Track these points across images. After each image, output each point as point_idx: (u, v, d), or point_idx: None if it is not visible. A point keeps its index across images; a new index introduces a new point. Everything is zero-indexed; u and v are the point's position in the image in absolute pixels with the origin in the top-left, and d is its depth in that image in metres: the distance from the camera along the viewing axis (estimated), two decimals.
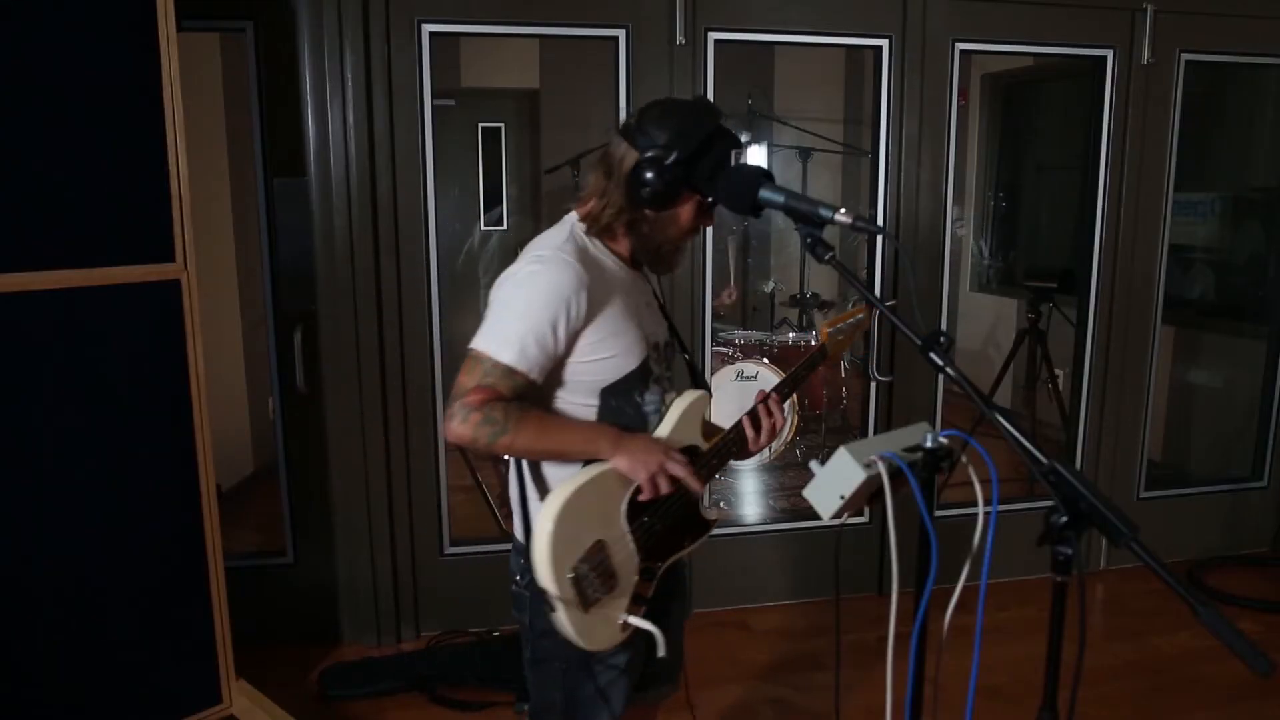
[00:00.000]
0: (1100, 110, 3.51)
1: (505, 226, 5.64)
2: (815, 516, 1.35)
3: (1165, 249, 3.66)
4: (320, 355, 3.07)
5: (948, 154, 3.39)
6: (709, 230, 3.23)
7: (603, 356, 1.54)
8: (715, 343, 4.53)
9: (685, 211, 1.55)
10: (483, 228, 5.62)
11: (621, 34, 3.06)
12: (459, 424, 1.45)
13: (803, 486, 1.35)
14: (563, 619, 1.48)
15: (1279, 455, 4.00)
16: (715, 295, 4.97)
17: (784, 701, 2.90)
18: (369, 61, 2.90)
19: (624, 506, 1.54)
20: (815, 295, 5.25)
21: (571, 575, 1.47)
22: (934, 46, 3.30)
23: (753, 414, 1.65)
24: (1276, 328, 4.07)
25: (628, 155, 1.51)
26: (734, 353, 4.58)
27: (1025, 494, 3.94)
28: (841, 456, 1.29)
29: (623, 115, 3.09)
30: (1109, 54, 3.45)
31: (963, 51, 3.34)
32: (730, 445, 1.65)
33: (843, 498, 1.30)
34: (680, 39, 3.07)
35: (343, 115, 2.92)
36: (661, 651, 1.57)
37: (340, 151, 2.93)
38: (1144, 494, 3.86)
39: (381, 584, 3.19)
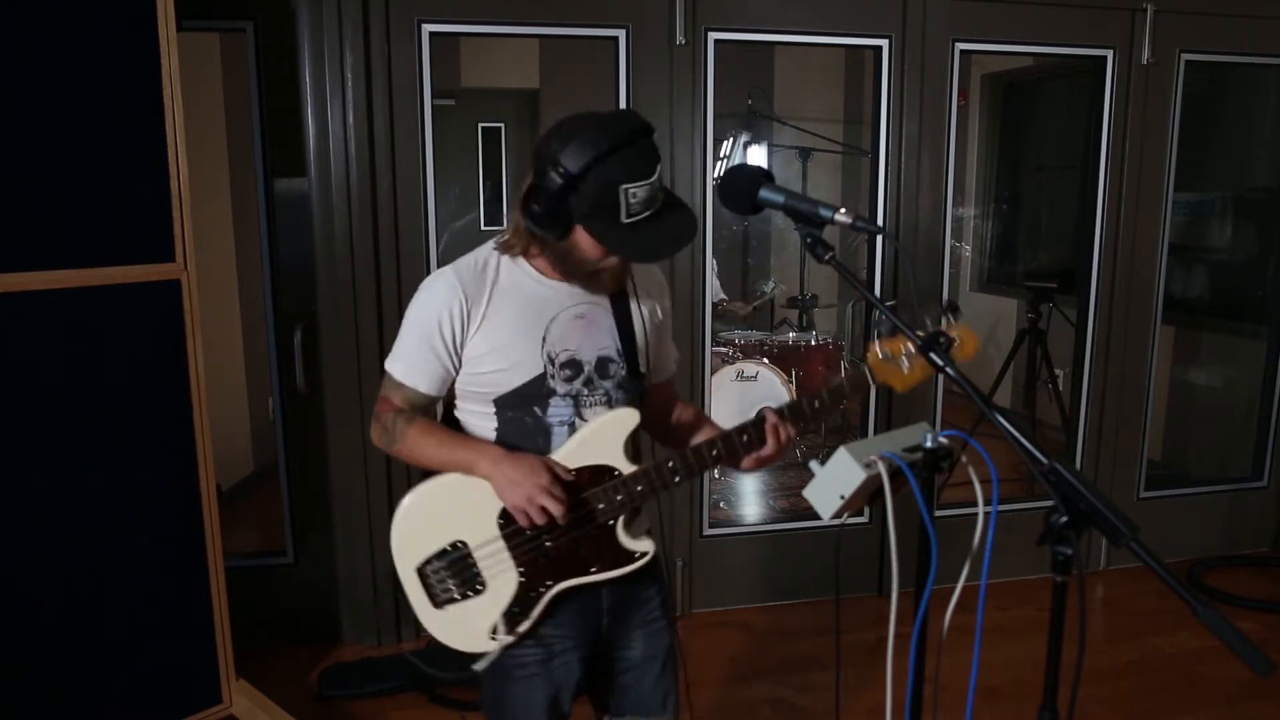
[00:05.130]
0: (1100, 110, 3.51)
1: (505, 226, 5.63)
2: (815, 516, 1.35)
3: (1165, 249, 3.66)
4: (320, 355, 3.07)
5: (948, 154, 3.39)
6: (708, 232, 3.23)
7: (488, 370, 1.53)
8: (715, 343, 4.53)
9: (583, 241, 1.45)
10: (482, 228, 5.62)
11: (621, 34, 3.06)
12: (371, 430, 1.62)
13: (803, 486, 1.35)
14: (415, 607, 1.59)
15: (1279, 455, 3.99)
16: (726, 302, 5.02)
17: (784, 701, 2.90)
18: (369, 61, 2.90)
19: (497, 514, 1.52)
20: (815, 297, 5.25)
21: (419, 569, 1.56)
22: (934, 46, 3.30)
23: (740, 429, 1.53)
24: (1276, 328, 4.07)
25: (528, 175, 1.46)
26: (734, 353, 4.59)
27: (1025, 494, 3.95)
28: (841, 456, 1.29)
29: None
30: (1109, 54, 3.45)
31: (963, 51, 3.34)
32: (669, 472, 1.52)
33: (843, 498, 1.30)
34: (680, 39, 3.07)
35: (343, 115, 2.92)
36: (480, 666, 1.57)
37: (340, 151, 2.93)
38: (1144, 494, 3.85)
39: (381, 584, 3.19)
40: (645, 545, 1.57)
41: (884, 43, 3.28)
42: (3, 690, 2.17)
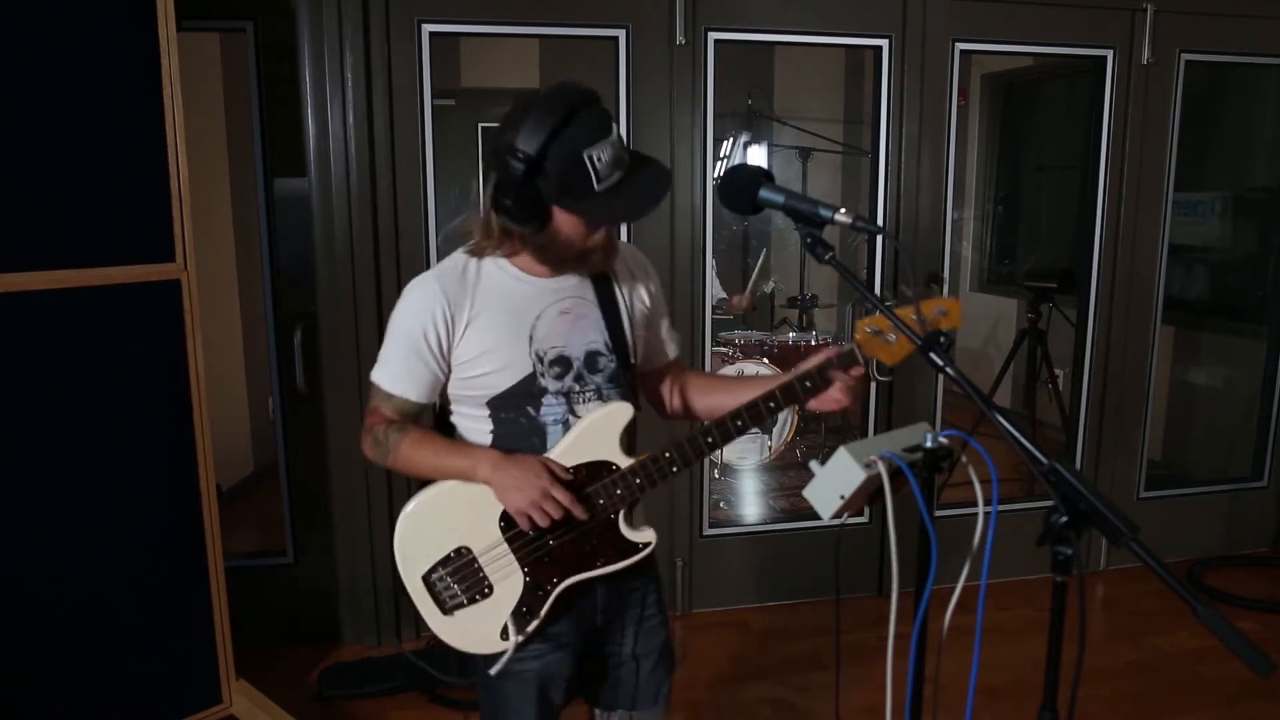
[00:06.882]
0: (1100, 110, 3.51)
1: (469, 230, 5.61)
2: (815, 516, 1.35)
3: (1165, 249, 3.66)
4: (320, 355, 3.07)
5: (948, 154, 3.39)
6: (708, 232, 3.23)
7: (478, 373, 1.52)
8: (715, 343, 4.53)
9: (564, 225, 1.43)
10: None
11: (621, 34, 3.06)
12: (363, 445, 1.58)
13: (803, 486, 1.35)
14: (425, 615, 1.56)
15: (1279, 455, 3.99)
16: (726, 300, 5.00)
17: (784, 701, 2.90)
18: (369, 61, 2.90)
19: (498, 518, 1.52)
20: (815, 297, 5.25)
21: (425, 578, 1.54)
22: (934, 46, 3.30)
23: (735, 415, 1.51)
24: (1276, 328, 4.07)
25: (491, 176, 1.44)
26: (734, 353, 4.58)
27: (1025, 494, 3.94)
28: (841, 456, 1.29)
29: (623, 116, 3.10)
30: (1109, 54, 3.45)
31: (963, 51, 3.34)
32: (665, 464, 1.51)
33: (843, 498, 1.30)
34: (680, 39, 3.07)
35: (343, 115, 2.91)
36: (495, 669, 1.55)
37: (340, 151, 2.93)
38: (1144, 494, 3.85)
39: (381, 584, 3.19)
40: (647, 535, 1.57)
41: (884, 43, 3.27)
42: (2, 690, 2.17)
